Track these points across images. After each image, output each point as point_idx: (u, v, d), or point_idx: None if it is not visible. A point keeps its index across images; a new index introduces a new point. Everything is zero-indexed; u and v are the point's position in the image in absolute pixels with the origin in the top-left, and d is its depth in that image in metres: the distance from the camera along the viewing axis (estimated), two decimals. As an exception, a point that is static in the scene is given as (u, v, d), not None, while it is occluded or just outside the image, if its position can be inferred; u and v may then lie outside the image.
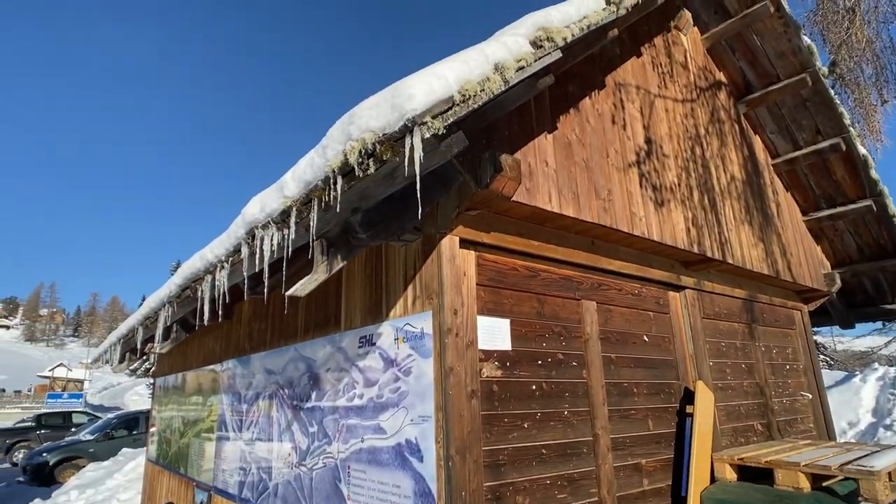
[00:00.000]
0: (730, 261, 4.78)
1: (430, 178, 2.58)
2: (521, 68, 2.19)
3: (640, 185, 3.98)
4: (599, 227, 3.59)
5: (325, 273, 2.48)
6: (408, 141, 1.82)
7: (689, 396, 4.28)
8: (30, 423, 23.17)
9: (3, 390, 41.96)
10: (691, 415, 4.06)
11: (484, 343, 3.03)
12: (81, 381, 48.08)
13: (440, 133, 1.85)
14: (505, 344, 3.16)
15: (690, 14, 5.47)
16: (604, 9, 2.96)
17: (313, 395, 4.03)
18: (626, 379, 3.89)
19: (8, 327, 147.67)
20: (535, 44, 2.37)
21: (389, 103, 1.90)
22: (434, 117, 1.83)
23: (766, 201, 5.80)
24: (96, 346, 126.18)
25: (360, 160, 1.97)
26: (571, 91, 3.68)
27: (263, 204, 2.67)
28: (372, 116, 1.94)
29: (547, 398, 3.30)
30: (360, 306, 3.60)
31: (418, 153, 1.76)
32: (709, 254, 4.50)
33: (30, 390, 42.93)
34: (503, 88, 2.10)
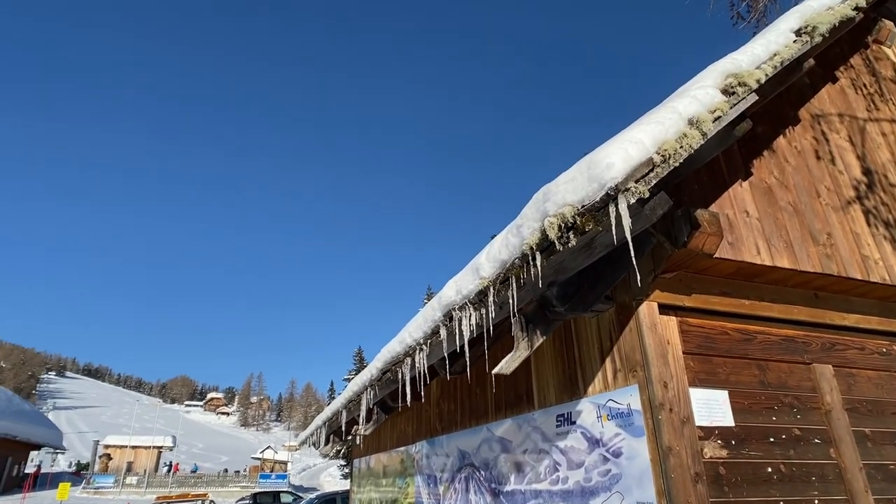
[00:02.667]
0: None
1: (622, 245, 2.50)
2: (718, 118, 2.08)
3: (868, 224, 3.41)
4: (823, 277, 3.12)
5: (526, 349, 2.48)
6: (611, 209, 1.80)
7: None
8: (247, 502, 26.80)
9: (227, 471, 48.29)
10: None
11: (701, 419, 2.72)
12: (285, 463, 53.22)
13: (644, 196, 1.80)
14: (726, 419, 2.80)
15: (892, 23, 4.80)
16: (794, 41, 2.73)
17: (512, 478, 3.91)
18: (892, 460, 3.16)
19: (228, 414, 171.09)
20: (727, 91, 2.25)
21: (586, 175, 1.91)
22: (637, 181, 1.79)
23: None
24: (296, 429, 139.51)
25: (560, 234, 1.98)
26: (761, 132, 3.38)
27: (459, 286, 2.80)
28: (568, 191, 1.96)
29: (789, 483, 2.80)
30: (552, 383, 3.50)
31: (626, 220, 1.72)
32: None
33: (246, 471, 48.76)
34: (701, 142, 2.00)
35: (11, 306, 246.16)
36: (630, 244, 1.85)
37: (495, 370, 2.50)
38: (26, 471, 40.69)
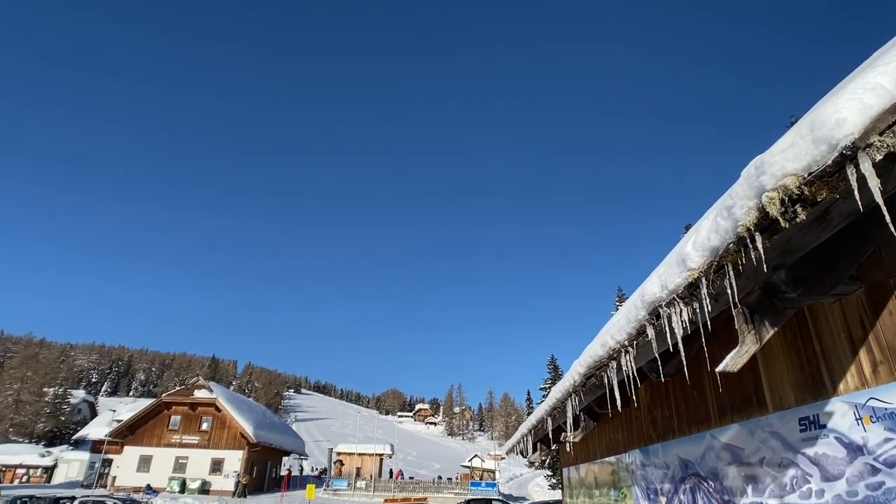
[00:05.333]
0: None
1: (868, 213, 2.10)
2: None
3: None
4: None
5: (753, 344, 2.22)
6: (849, 172, 1.54)
7: None
8: (464, 508, 28.08)
9: (440, 477, 51.47)
10: None
11: None
12: (493, 471, 54.78)
13: (894, 150, 1.50)
14: None
15: None
16: None
17: (749, 490, 3.50)
18: None
19: (435, 423, 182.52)
20: None
21: (809, 139, 1.66)
22: (881, 134, 1.51)
23: None
24: (498, 439, 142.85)
25: (784, 209, 1.75)
26: None
27: (664, 281, 2.63)
28: (788, 159, 1.73)
29: None
30: (788, 381, 3.07)
31: (874, 181, 1.46)
32: None
33: (457, 478, 51.40)
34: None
35: (261, 336, 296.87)
36: (884, 209, 1.55)
37: (719, 368, 2.28)
38: (281, 473, 48.20)
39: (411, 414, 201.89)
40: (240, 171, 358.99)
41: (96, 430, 51.21)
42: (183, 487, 37.57)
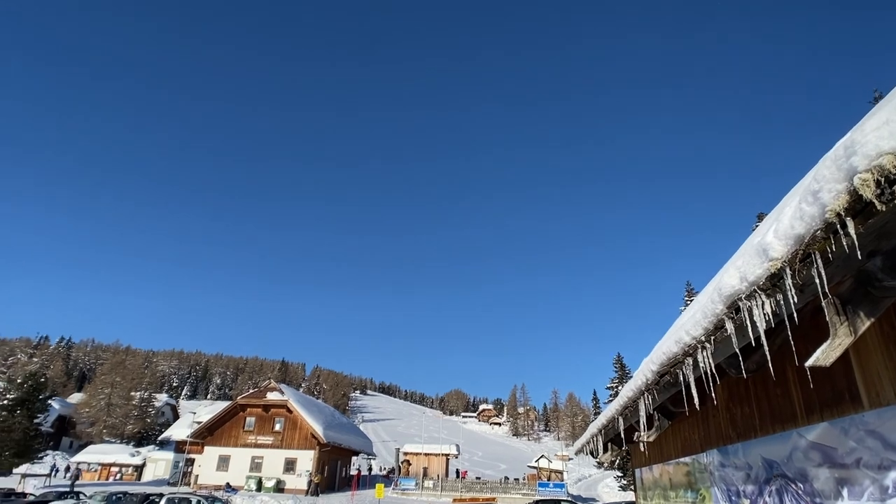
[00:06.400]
0: None
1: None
2: None
3: None
4: None
5: (847, 336, 2.08)
6: (957, 145, 1.41)
7: None
8: (532, 508, 27.79)
9: (507, 478, 51.22)
10: None
11: None
12: (560, 472, 53.95)
13: None
14: None
15: None
16: None
17: (844, 493, 3.27)
18: None
19: (499, 424, 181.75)
20: None
21: (905, 112, 1.54)
22: None
23: None
24: (564, 439, 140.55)
25: (880, 191, 1.63)
26: None
27: (743, 273, 2.51)
28: (883, 137, 1.61)
29: None
30: (887, 376, 2.84)
31: None
32: None
33: (524, 478, 51.01)
34: None
35: (327, 339, 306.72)
36: None
37: (809, 362, 2.15)
38: (350, 473, 49.47)
39: (475, 414, 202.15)
40: (298, 181, 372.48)
41: (179, 431, 54.53)
42: (259, 486, 39.28)
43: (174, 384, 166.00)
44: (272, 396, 43.80)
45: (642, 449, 6.12)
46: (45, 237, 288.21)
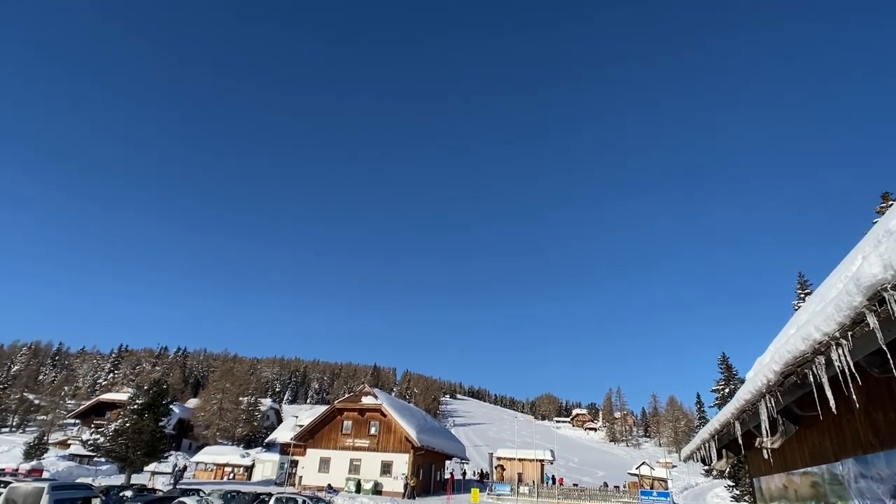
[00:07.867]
0: None
1: None
2: None
3: None
4: None
5: None
6: None
7: None
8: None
9: (606, 485, 49.51)
10: None
11: None
12: (664, 480, 51.23)
13: None
14: None
15: None
16: None
17: None
18: None
19: (595, 429, 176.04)
20: None
21: None
22: None
23: None
24: (667, 445, 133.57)
25: None
26: None
27: (887, 260, 2.22)
28: None
29: None
30: None
31: None
32: None
33: (625, 486, 49.03)
34: None
35: (417, 343, 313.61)
36: None
37: None
38: (445, 477, 49.99)
39: (569, 419, 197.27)
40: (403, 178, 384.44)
41: (283, 434, 57.82)
42: (358, 488, 40.70)
43: (276, 389, 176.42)
44: (367, 401, 45.29)
45: (766, 456, 5.62)
46: (161, 249, 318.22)
